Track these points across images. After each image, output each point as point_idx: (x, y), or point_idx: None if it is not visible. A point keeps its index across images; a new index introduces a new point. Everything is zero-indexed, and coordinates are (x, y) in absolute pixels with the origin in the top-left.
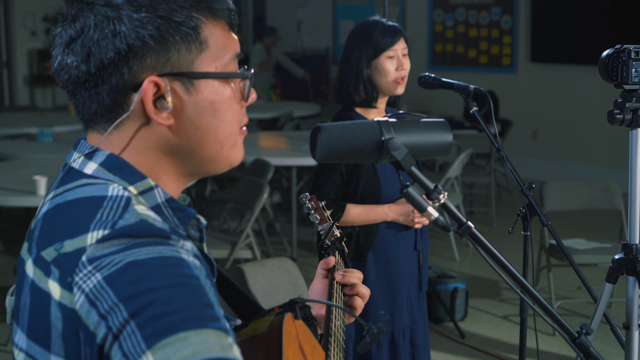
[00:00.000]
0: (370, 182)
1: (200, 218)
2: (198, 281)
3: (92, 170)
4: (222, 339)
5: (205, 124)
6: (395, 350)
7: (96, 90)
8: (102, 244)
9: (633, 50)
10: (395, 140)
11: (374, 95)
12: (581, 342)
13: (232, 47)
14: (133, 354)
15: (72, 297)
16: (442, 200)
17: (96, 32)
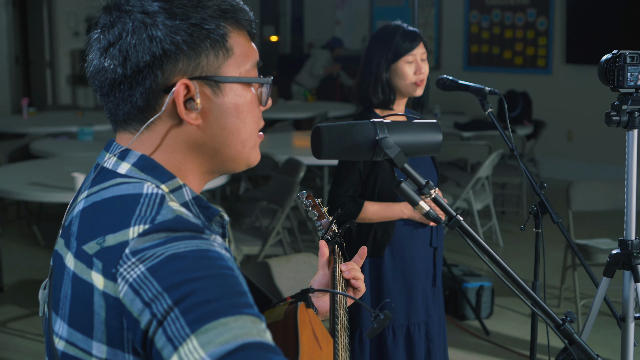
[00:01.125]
0: (387, 181)
1: (224, 215)
2: (233, 272)
3: (125, 170)
4: (258, 324)
5: (229, 125)
6: (411, 344)
7: (130, 92)
8: (143, 238)
9: (628, 55)
10: (388, 140)
11: (392, 97)
12: (565, 329)
13: (253, 55)
14: (177, 338)
15: (116, 287)
16: (433, 195)
17: (134, 37)
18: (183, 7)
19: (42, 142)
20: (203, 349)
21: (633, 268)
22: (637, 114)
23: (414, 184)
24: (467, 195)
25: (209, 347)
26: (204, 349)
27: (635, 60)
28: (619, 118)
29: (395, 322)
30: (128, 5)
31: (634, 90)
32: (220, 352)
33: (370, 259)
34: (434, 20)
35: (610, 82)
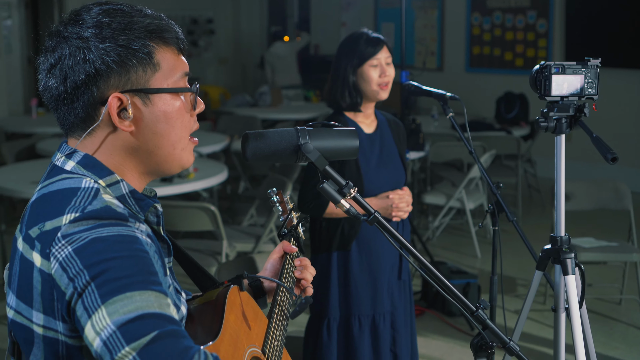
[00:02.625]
0: (353, 178)
1: (158, 206)
2: (147, 254)
3: (70, 167)
4: (161, 299)
5: (160, 129)
6: (376, 333)
7: (72, 106)
8: (73, 224)
9: (553, 66)
10: (308, 145)
11: (358, 100)
12: (478, 315)
13: (181, 68)
14: (91, 308)
15: (49, 264)
16: (353, 194)
17: (71, 59)
18: (113, 30)
19: (48, 142)
20: (109, 317)
21: (562, 262)
22: (563, 120)
23: (335, 184)
24: (460, 195)
25: (114, 315)
26: (110, 317)
27: (560, 71)
28: (547, 124)
29: (361, 312)
30: (66, 32)
31: (559, 98)
32: (122, 320)
33: (338, 252)
34: (437, 22)
35: (538, 91)
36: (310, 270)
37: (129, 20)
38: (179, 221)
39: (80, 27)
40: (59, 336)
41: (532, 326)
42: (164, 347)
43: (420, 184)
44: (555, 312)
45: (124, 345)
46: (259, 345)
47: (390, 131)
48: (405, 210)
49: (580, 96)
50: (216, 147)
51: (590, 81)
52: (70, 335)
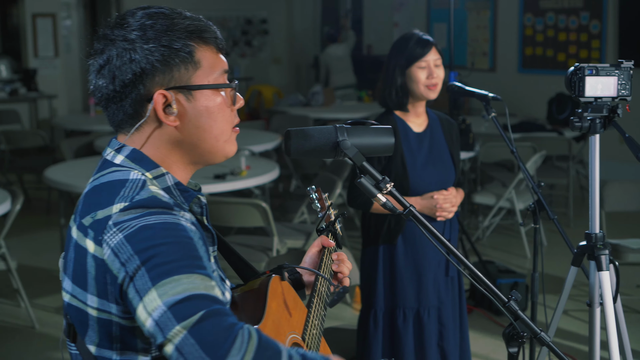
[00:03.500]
0: (399, 176)
1: (202, 198)
2: (191, 240)
3: (119, 161)
4: (206, 281)
5: (202, 123)
6: (420, 326)
7: (121, 104)
8: (123, 212)
9: (587, 68)
10: (346, 142)
11: (404, 100)
12: (510, 306)
13: (220, 65)
14: (142, 290)
15: (102, 250)
16: (389, 188)
17: (118, 60)
18: (156, 32)
19: (105, 139)
20: (160, 299)
21: (597, 258)
22: (598, 120)
23: (372, 179)
24: (509, 195)
25: (165, 297)
26: (161, 298)
27: (594, 73)
28: (581, 124)
29: (406, 305)
30: (113, 35)
31: (593, 99)
32: (172, 300)
33: (384, 246)
34: (489, 23)
35: (573, 92)
36: (347, 265)
37: (170, 22)
38: (231, 217)
39: (126, 29)
40: (112, 317)
41: (575, 323)
42: (212, 325)
43: (470, 184)
44: (590, 308)
45: (175, 324)
46: (299, 333)
47: (442, 130)
48: (449, 210)
49: (613, 97)
50: (268, 146)
51: (624, 82)
52: (123, 316)
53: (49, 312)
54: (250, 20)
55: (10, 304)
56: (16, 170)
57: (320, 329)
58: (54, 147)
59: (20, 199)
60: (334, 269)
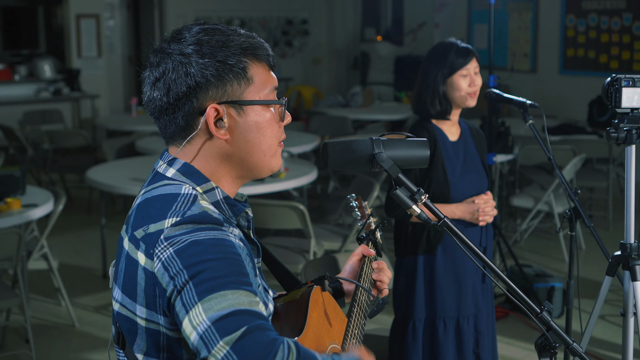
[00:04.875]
0: (440, 184)
1: (248, 211)
2: (239, 257)
3: (171, 174)
4: (251, 297)
5: (252, 138)
6: (460, 335)
7: (174, 115)
8: (175, 227)
9: (624, 79)
10: (382, 154)
11: (448, 108)
12: (542, 317)
13: (271, 82)
14: (189, 304)
15: (152, 264)
16: (424, 200)
17: (174, 73)
18: (211, 47)
19: (146, 140)
20: (205, 314)
21: (631, 268)
22: (634, 131)
23: (408, 190)
24: (548, 199)
25: (210, 312)
26: (206, 313)
27: (630, 84)
28: (617, 135)
29: (446, 314)
30: (170, 49)
31: (629, 110)
32: (217, 316)
33: (424, 256)
34: (531, 24)
35: (609, 103)
36: (387, 273)
37: (226, 39)
38: (269, 219)
39: (182, 44)
40: (160, 328)
41: (612, 329)
42: (254, 340)
43: (509, 186)
44: (624, 317)
45: (219, 340)
46: (339, 342)
47: (472, 139)
48: (490, 214)
49: None
50: (307, 147)
51: None
52: (171, 327)
53: (89, 311)
54: (290, 20)
55: (51, 303)
56: (58, 170)
57: (360, 338)
58: (95, 146)
59: (63, 199)
60: (374, 278)
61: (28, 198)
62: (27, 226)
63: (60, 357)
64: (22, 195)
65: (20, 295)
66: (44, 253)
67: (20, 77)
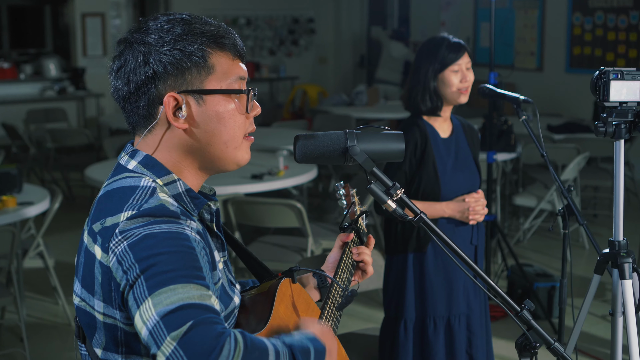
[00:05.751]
0: (431, 182)
1: (212, 205)
2: (193, 251)
3: (132, 167)
4: (202, 291)
5: (211, 128)
6: (451, 334)
7: (136, 105)
8: (130, 221)
9: (612, 72)
10: (355, 147)
11: (439, 104)
12: (522, 316)
13: (236, 72)
14: (140, 298)
15: (108, 258)
16: (400, 195)
17: (133, 62)
18: (172, 36)
19: None
20: (154, 308)
21: (619, 266)
22: (622, 125)
23: (383, 185)
24: (550, 197)
25: (159, 307)
26: (155, 308)
27: (619, 77)
28: (605, 129)
29: (436, 314)
30: (132, 39)
31: (618, 104)
32: (164, 310)
33: (414, 254)
34: (537, 22)
35: (597, 96)
36: (368, 252)
37: (188, 27)
38: (266, 218)
39: (145, 33)
40: (117, 323)
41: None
42: (200, 334)
43: (512, 185)
44: (612, 316)
45: (166, 335)
46: None
47: (464, 136)
48: (481, 213)
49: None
50: None
51: None
52: (127, 322)
53: None
54: (297, 19)
55: (48, 301)
56: (61, 168)
57: (334, 331)
58: (99, 145)
59: (59, 197)
60: (355, 259)
61: (25, 196)
62: (24, 224)
63: (55, 357)
64: (19, 193)
65: (14, 293)
66: (40, 251)
67: (25, 76)
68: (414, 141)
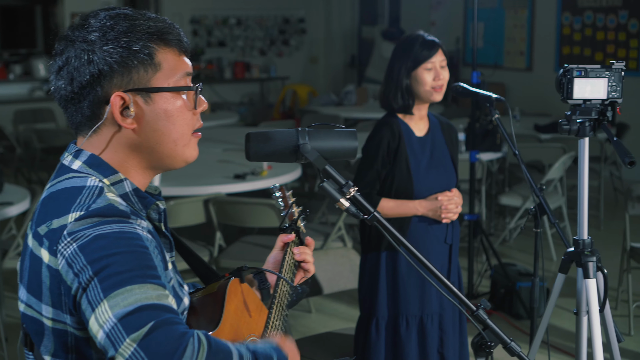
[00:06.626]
0: (403, 180)
1: (160, 204)
2: (147, 250)
3: (77, 167)
4: (159, 291)
5: (160, 127)
6: (424, 333)
7: (79, 105)
8: (78, 222)
9: (575, 69)
10: (306, 145)
11: (410, 102)
12: (478, 315)
13: (182, 68)
14: (94, 301)
15: (56, 261)
16: (353, 193)
17: (77, 61)
18: (116, 33)
19: None
20: (111, 310)
21: (583, 265)
22: (587, 123)
23: (336, 183)
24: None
25: (116, 308)
26: (112, 310)
27: (582, 74)
28: (569, 127)
29: (408, 312)
30: (73, 36)
31: (582, 101)
32: (122, 312)
33: (387, 252)
34: (527, 22)
35: (561, 94)
36: (309, 251)
37: (132, 24)
38: (247, 218)
39: (86, 30)
40: (67, 328)
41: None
42: (162, 335)
43: (498, 185)
44: (577, 315)
45: (125, 337)
46: (259, 334)
47: (442, 134)
48: (454, 211)
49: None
50: None
51: (614, 84)
52: (78, 327)
53: None
54: (288, 19)
55: None
56: (47, 169)
57: (281, 329)
58: None
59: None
60: (296, 259)
61: (5, 196)
62: (5, 225)
63: None
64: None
65: None
66: (20, 251)
67: (15, 76)
68: (385, 140)
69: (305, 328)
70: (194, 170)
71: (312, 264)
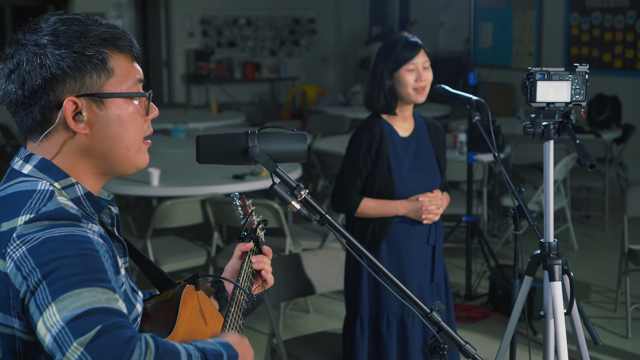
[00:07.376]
0: (385, 180)
1: (112, 208)
2: (97, 253)
3: (27, 171)
4: (109, 294)
5: (113, 132)
6: (404, 332)
7: (30, 110)
8: (28, 225)
9: (538, 72)
10: (255, 148)
11: (392, 104)
12: (432, 317)
13: (134, 74)
14: (42, 305)
15: (5, 264)
16: (304, 196)
17: (28, 65)
18: (68, 38)
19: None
20: (59, 314)
21: (549, 268)
22: (552, 126)
23: (287, 186)
24: (538, 198)
25: (64, 312)
26: (60, 313)
27: (545, 77)
28: (534, 130)
29: (389, 311)
30: (24, 40)
31: (545, 104)
32: (70, 316)
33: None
34: (535, 22)
35: (525, 97)
36: (266, 260)
37: (85, 29)
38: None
39: (38, 34)
40: (15, 332)
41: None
42: (109, 339)
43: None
44: (544, 319)
45: (72, 341)
46: None
47: (428, 135)
48: (435, 212)
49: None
50: None
51: (578, 87)
52: (26, 331)
53: None
54: (298, 19)
55: None
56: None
57: None
58: None
59: None
60: (255, 268)
61: None
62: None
63: None
64: None
65: None
66: None
67: None
68: (366, 140)
69: (303, 328)
70: (194, 170)
71: (270, 274)
